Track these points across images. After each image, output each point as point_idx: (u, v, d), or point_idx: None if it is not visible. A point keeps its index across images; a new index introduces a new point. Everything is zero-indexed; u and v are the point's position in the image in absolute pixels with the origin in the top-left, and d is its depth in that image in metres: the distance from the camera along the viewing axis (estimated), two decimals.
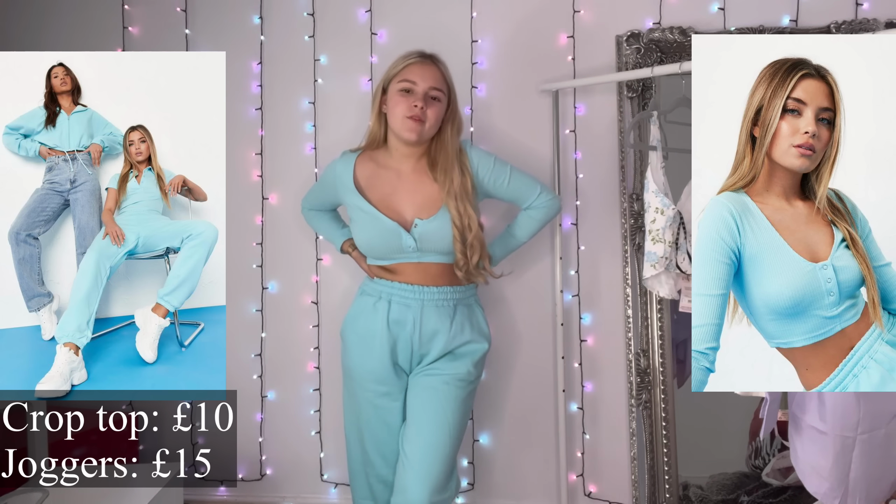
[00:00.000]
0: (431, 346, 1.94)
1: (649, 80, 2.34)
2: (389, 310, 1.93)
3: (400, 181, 1.95)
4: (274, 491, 2.68)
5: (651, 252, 2.06)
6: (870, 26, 2.22)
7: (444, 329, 1.93)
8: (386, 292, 1.95)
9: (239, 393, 2.66)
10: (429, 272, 1.94)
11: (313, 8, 2.58)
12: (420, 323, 1.92)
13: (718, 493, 2.37)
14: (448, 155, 1.93)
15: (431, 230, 1.90)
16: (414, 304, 1.92)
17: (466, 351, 1.96)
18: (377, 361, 1.94)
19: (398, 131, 1.90)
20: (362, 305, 1.98)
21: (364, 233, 1.94)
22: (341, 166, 2.01)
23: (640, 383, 2.37)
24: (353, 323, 2.00)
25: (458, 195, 1.90)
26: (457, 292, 1.97)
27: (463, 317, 1.97)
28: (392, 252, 1.92)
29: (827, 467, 1.63)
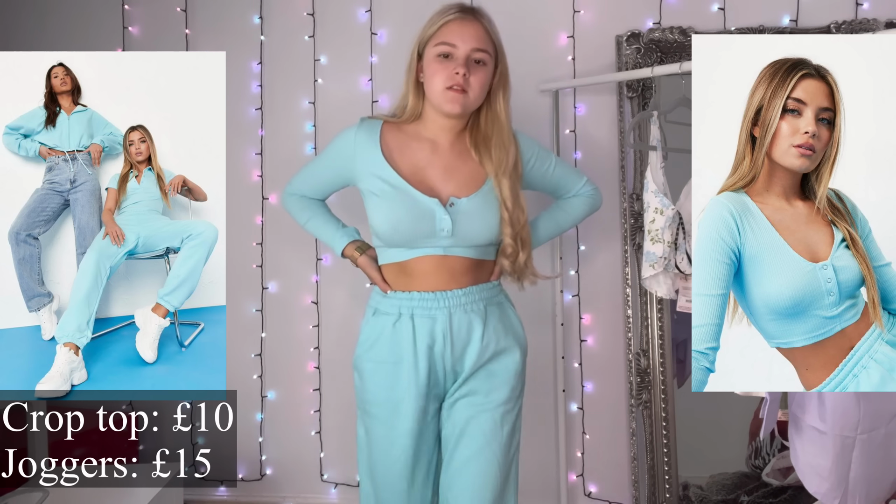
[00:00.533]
0: (465, 359, 1.64)
1: (649, 80, 2.34)
2: (415, 328, 1.62)
3: (435, 155, 1.65)
4: (274, 491, 2.68)
5: (650, 252, 2.06)
6: (870, 26, 2.22)
7: (476, 335, 1.64)
8: (406, 306, 1.64)
9: (239, 393, 2.66)
10: (454, 271, 1.64)
11: (313, 8, 2.58)
12: (451, 334, 1.62)
13: (718, 493, 2.37)
14: (503, 127, 1.65)
15: (472, 210, 1.60)
16: (440, 314, 1.62)
17: (500, 368, 1.67)
18: (407, 393, 1.62)
19: (438, 104, 1.60)
20: (379, 327, 1.66)
21: (390, 212, 1.59)
22: (364, 132, 1.67)
23: (640, 383, 2.37)
24: (370, 350, 1.66)
25: (512, 175, 1.63)
26: (484, 290, 1.68)
27: (495, 319, 1.67)
28: (420, 238, 1.60)
29: (827, 467, 1.63)
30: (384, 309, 1.66)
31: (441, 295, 1.62)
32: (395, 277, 1.67)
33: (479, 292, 1.67)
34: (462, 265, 1.64)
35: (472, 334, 1.64)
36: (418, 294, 1.63)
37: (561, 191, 1.84)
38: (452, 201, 1.60)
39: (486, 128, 1.66)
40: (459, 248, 1.62)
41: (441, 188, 1.63)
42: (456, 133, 1.67)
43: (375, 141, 1.65)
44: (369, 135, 1.66)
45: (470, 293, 1.65)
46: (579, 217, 1.87)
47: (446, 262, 1.63)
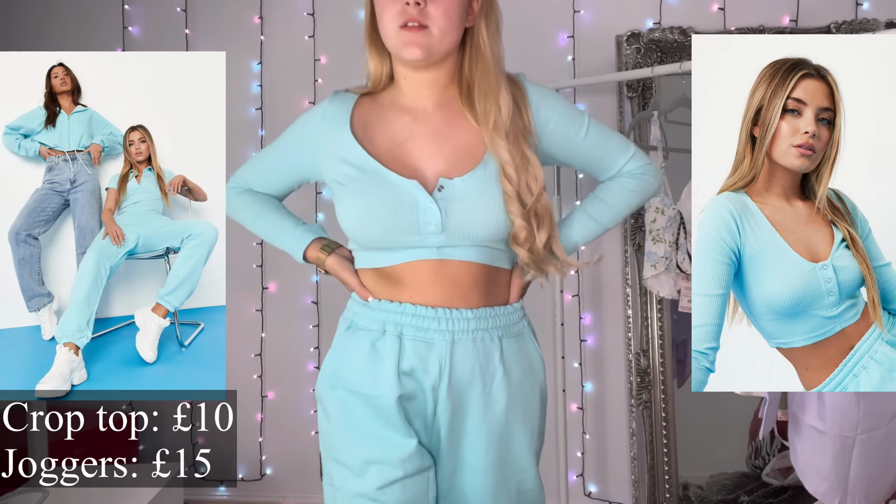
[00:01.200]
0: (466, 408, 1.21)
1: (649, 80, 2.34)
2: (401, 351, 1.18)
3: (418, 125, 1.23)
4: (274, 491, 2.68)
5: (651, 252, 2.06)
6: (870, 26, 2.22)
7: (479, 380, 1.21)
8: (393, 321, 1.20)
9: (239, 393, 2.66)
10: (457, 282, 1.20)
11: (313, 8, 2.58)
12: (450, 370, 1.19)
13: (718, 493, 2.37)
14: (488, 68, 1.22)
15: (468, 193, 1.17)
16: (439, 338, 1.18)
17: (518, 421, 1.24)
18: (383, 439, 1.17)
19: (395, 51, 1.20)
20: (352, 347, 1.23)
21: (358, 203, 1.19)
22: (335, 108, 1.28)
23: (640, 383, 2.37)
24: (336, 377, 1.23)
25: (511, 132, 1.19)
26: (501, 315, 1.24)
27: (513, 357, 1.24)
28: (401, 235, 1.17)
29: (827, 467, 1.63)
30: (363, 322, 1.23)
31: (444, 313, 1.19)
32: (375, 285, 1.24)
33: (494, 318, 1.23)
34: (467, 274, 1.20)
35: (476, 376, 1.20)
36: (412, 307, 1.19)
37: (599, 167, 1.33)
38: (442, 184, 1.18)
39: (470, 73, 1.23)
40: (459, 248, 1.19)
41: (427, 167, 1.20)
42: (440, 90, 1.24)
43: (345, 118, 1.26)
44: (339, 111, 1.28)
45: (482, 317, 1.21)
46: (627, 207, 1.35)
47: (444, 269, 1.20)
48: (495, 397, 1.22)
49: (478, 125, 1.21)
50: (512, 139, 1.19)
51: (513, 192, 1.17)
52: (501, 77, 1.23)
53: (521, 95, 1.24)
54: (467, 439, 1.22)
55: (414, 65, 1.21)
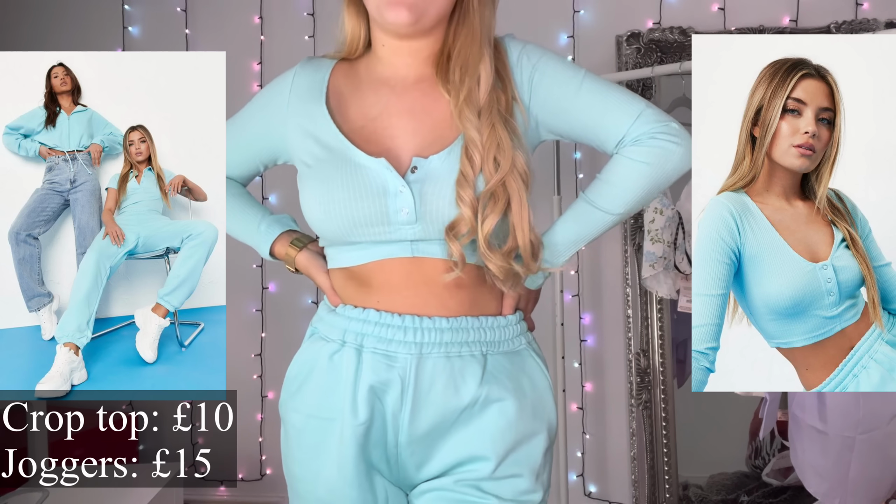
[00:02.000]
0: (433, 445, 1.00)
1: (649, 80, 2.34)
2: (360, 366, 1.00)
3: (394, 98, 1.06)
4: (274, 491, 2.68)
5: (650, 252, 2.06)
6: (870, 26, 2.22)
7: (457, 410, 0.99)
8: (354, 330, 1.01)
9: (239, 393, 2.66)
10: (434, 285, 1.00)
11: (313, 8, 2.58)
12: (413, 390, 0.98)
13: (718, 493, 2.37)
14: (474, 36, 1.03)
15: (445, 173, 0.99)
16: (403, 352, 0.98)
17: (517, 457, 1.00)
18: (333, 470, 1.02)
19: (378, 14, 1.02)
20: (311, 359, 1.07)
21: (320, 187, 1.02)
22: (307, 76, 1.12)
23: (640, 383, 2.37)
24: (297, 394, 1.09)
25: (485, 109, 1.00)
26: (488, 329, 1.02)
27: (502, 379, 1.01)
28: (366, 225, 0.99)
29: (827, 467, 1.63)
30: (324, 330, 1.06)
31: (412, 322, 0.99)
32: (343, 288, 1.07)
33: (477, 330, 1.01)
34: (446, 273, 0.99)
35: (455, 399, 0.98)
36: (376, 314, 1.00)
37: (599, 134, 1.07)
38: (416, 164, 0.99)
39: (453, 41, 1.06)
40: (437, 243, 0.99)
41: (401, 145, 1.03)
42: (423, 61, 1.07)
43: (321, 88, 1.10)
44: (313, 78, 1.11)
45: (460, 329, 1.00)
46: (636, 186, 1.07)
47: (420, 270, 1.00)
48: (482, 422, 0.99)
49: (448, 97, 1.03)
50: (485, 117, 0.99)
51: (471, 174, 0.97)
52: (487, 48, 1.04)
53: (503, 64, 1.05)
54: (435, 487, 1.00)
55: (398, 30, 1.03)
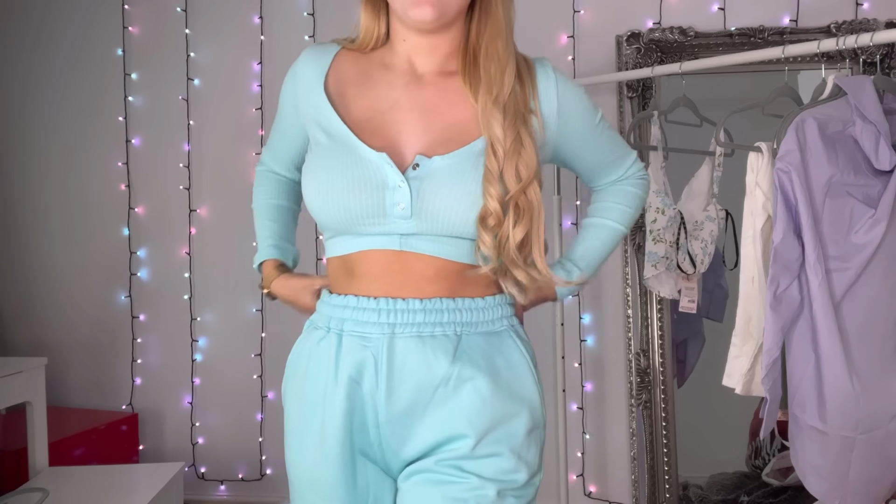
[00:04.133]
0: (412, 425, 1.01)
1: (649, 80, 2.34)
2: (339, 350, 1.03)
3: (408, 93, 1.07)
4: (274, 491, 2.68)
5: (652, 252, 2.06)
6: (870, 26, 2.22)
7: (430, 387, 1.00)
8: (338, 318, 1.05)
9: (239, 393, 2.66)
10: (413, 274, 1.02)
11: (313, 8, 2.58)
12: (385, 369, 1.00)
13: (718, 493, 2.37)
14: (499, 32, 1.07)
15: (446, 174, 1.00)
16: (376, 332, 1.01)
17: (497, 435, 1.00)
18: (315, 453, 1.03)
19: (402, 9, 1.03)
20: (303, 347, 1.10)
21: (320, 175, 1.03)
22: (309, 63, 1.13)
23: (640, 383, 2.38)
24: (289, 381, 1.12)
25: (509, 109, 1.03)
26: (464, 310, 1.03)
27: (480, 359, 1.01)
28: (363, 217, 1.01)
29: (827, 467, 1.63)
30: (317, 319, 1.10)
31: (385, 304, 1.01)
32: (335, 275, 1.10)
33: (452, 311, 1.02)
34: (427, 267, 1.02)
35: (428, 377, 1.00)
36: (354, 300, 1.03)
37: (605, 168, 1.19)
38: (418, 161, 1.01)
39: (477, 38, 1.08)
40: (427, 239, 1.01)
41: (406, 141, 1.04)
42: (442, 59, 1.09)
43: (320, 76, 1.10)
44: (314, 69, 1.12)
45: (434, 310, 1.01)
46: (635, 212, 1.22)
47: (401, 262, 1.02)
48: (457, 399, 1.00)
49: (475, 100, 1.05)
50: (509, 117, 1.03)
51: (496, 171, 1.00)
52: (511, 45, 1.09)
53: (530, 76, 1.08)
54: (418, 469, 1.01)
55: (421, 26, 1.04)
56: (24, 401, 2.08)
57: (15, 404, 2.07)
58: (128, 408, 2.71)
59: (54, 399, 2.59)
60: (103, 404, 2.71)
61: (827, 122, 1.54)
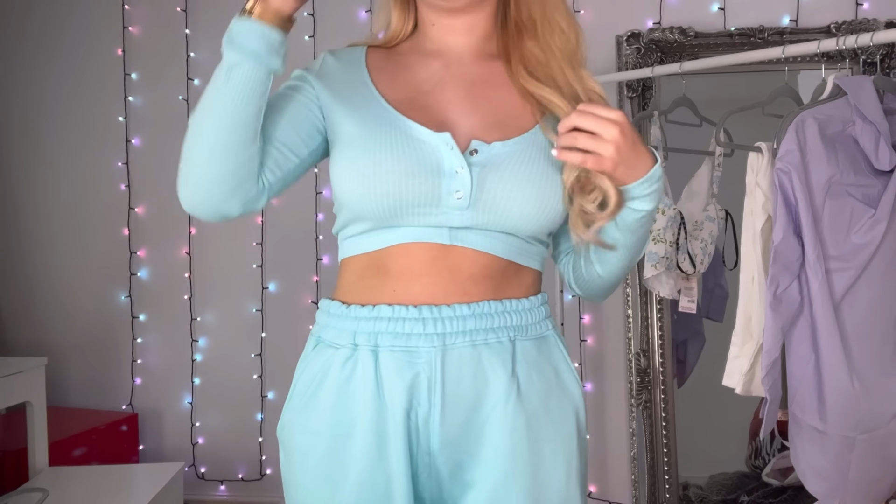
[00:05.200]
0: (469, 449, 0.90)
1: (649, 80, 2.34)
2: (378, 371, 0.89)
3: (449, 72, 0.97)
4: (274, 491, 2.68)
5: (652, 252, 2.06)
6: (870, 26, 2.22)
7: (494, 394, 0.89)
8: (366, 330, 0.90)
9: (239, 393, 2.66)
10: (459, 273, 0.90)
11: (313, 8, 2.58)
12: (442, 388, 0.88)
13: (718, 493, 2.37)
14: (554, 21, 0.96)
15: (512, 163, 0.89)
16: (425, 346, 0.88)
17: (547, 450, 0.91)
18: (355, 492, 0.89)
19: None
20: (320, 370, 0.94)
21: (363, 156, 0.88)
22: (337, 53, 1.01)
23: (640, 383, 2.37)
24: (303, 413, 0.96)
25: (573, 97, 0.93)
26: (514, 312, 0.92)
27: (531, 368, 0.92)
28: (413, 205, 0.88)
29: (827, 467, 1.63)
30: (330, 336, 0.94)
31: (430, 312, 0.88)
32: (358, 280, 0.95)
33: (503, 314, 0.91)
34: (474, 265, 0.90)
35: (486, 392, 0.89)
36: (389, 309, 0.89)
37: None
38: (476, 146, 0.89)
39: (517, 12, 0.96)
40: (480, 233, 0.90)
41: (458, 122, 0.92)
42: (478, 40, 0.98)
43: (359, 63, 0.99)
44: (346, 55, 1.00)
45: (484, 314, 0.90)
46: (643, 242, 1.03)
47: (446, 258, 0.90)
48: (509, 423, 0.89)
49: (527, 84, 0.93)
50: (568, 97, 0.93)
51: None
52: (570, 12, 0.98)
53: (586, 77, 0.98)
54: (475, 489, 0.90)
55: (451, 4, 0.94)
56: (24, 401, 2.08)
57: (15, 404, 2.07)
58: (128, 408, 2.70)
59: (54, 399, 2.59)
60: (103, 404, 2.71)
61: (827, 122, 1.54)
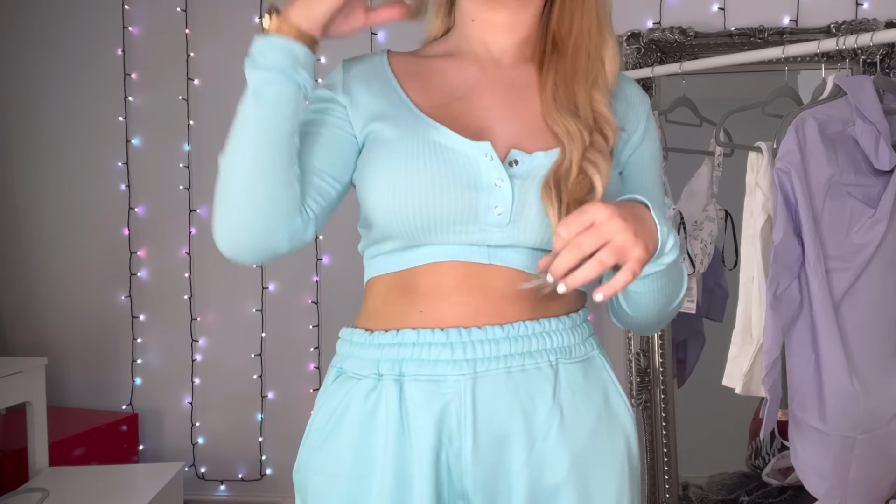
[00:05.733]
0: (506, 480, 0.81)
1: (649, 79, 2.34)
2: (402, 403, 0.81)
3: (486, 77, 0.89)
4: (274, 491, 2.68)
5: None
6: (870, 26, 2.21)
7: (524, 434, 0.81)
8: (390, 358, 0.82)
9: (239, 393, 2.66)
10: (492, 293, 0.82)
11: None
12: (473, 424, 0.80)
13: (718, 493, 2.37)
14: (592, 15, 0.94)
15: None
16: (453, 374, 0.80)
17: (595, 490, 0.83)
18: None
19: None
20: (338, 405, 0.85)
21: (394, 167, 0.81)
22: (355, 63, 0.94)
23: (640, 383, 2.37)
24: (321, 452, 0.86)
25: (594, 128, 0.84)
26: (556, 332, 0.84)
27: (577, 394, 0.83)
28: (449, 222, 0.80)
29: (827, 467, 1.63)
30: (353, 367, 0.86)
31: (458, 335, 0.81)
32: (383, 303, 0.86)
33: (542, 335, 0.83)
34: (508, 283, 0.82)
35: (526, 427, 0.81)
36: (413, 333, 0.82)
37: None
38: (516, 157, 0.82)
39: (559, 26, 0.91)
40: (518, 251, 0.82)
41: (496, 130, 0.85)
42: (520, 41, 0.91)
43: (383, 68, 0.91)
44: (369, 64, 0.93)
45: (521, 336, 0.82)
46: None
47: (479, 277, 0.82)
48: (551, 460, 0.80)
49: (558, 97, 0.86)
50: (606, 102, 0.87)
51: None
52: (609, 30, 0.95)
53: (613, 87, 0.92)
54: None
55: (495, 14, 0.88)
56: (24, 401, 2.08)
57: (15, 404, 2.07)
58: (128, 408, 2.70)
59: (54, 399, 2.58)
60: (103, 404, 2.71)
61: (827, 122, 1.54)
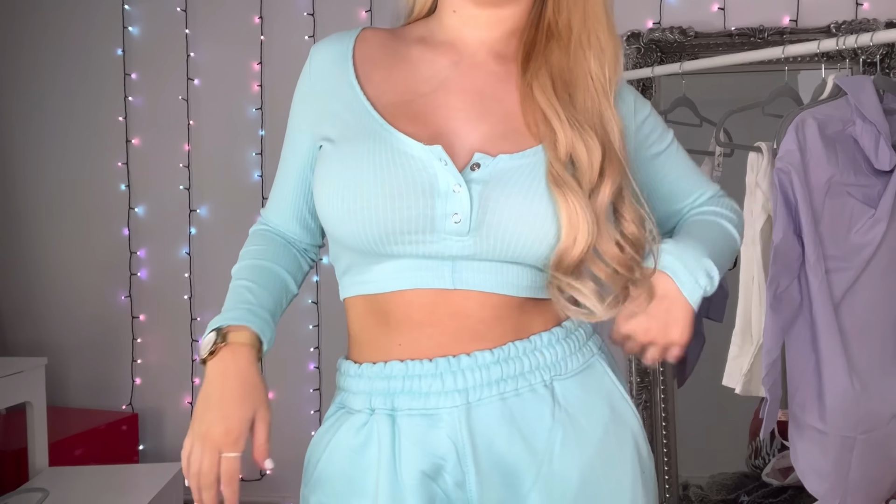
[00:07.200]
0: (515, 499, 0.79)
1: (649, 79, 2.34)
2: (396, 438, 0.78)
3: (458, 72, 0.83)
4: (274, 491, 2.68)
5: None
6: (870, 26, 2.21)
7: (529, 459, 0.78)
8: (381, 392, 0.80)
9: None
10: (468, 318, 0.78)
11: (313, 8, 2.58)
12: (473, 455, 0.77)
13: (718, 493, 2.37)
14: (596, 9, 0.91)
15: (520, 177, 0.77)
16: (446, 405, 0.77)
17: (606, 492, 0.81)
18: None
19: None
20: (332, 438, 0.85)
21: (345, 176, 0.77)
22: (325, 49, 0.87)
23: (640, 383, 2.37)
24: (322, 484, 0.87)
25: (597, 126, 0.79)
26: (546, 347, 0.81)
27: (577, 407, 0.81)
28: (405, 232, 0.75)
29: (827, 467, 1.63)
30: (350, 401, 0.83)
31: (447, 364, 0.77)
32: (361, 330, 0.84)
33: (532, 353, 0.80)
34: (486, 310, 0.78)
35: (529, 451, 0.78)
36: (401, 366, 0.78)
37: (677, 197, 0.93)
38: (478, 160, 0.76)
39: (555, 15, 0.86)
40: (487, 269, 0.77)
41: (458, 132, 0.79)
42: (504, 34, 0.85)
43: (343, 54, 0.85)
44: (334, 48, 0.86)
45: (512, 358, 0.79)
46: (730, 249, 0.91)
47: (449, 304, 0.78)
48: (559, 481, 0.77)
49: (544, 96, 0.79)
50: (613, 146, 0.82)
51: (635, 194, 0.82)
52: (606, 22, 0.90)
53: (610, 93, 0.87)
54: None
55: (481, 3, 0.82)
56: (24, 401, 2.07)
57: (15, 404, 2.07)
58: (128, 408, 2.70)
59: (54, 399, 2.58)
60: (103, 404, 2.71)
61: (827, 122, 1.54)
